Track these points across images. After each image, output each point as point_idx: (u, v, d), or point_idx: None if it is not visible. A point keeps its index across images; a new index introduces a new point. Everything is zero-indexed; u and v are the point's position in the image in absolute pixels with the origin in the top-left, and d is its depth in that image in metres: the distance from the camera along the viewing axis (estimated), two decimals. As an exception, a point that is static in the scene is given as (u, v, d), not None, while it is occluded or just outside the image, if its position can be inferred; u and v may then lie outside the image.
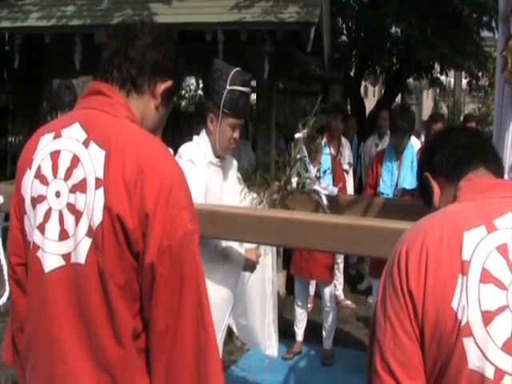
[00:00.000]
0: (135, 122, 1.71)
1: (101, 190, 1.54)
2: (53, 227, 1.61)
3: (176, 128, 8.43)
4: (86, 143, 1.61)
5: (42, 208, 1.63)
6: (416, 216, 1.53)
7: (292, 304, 6.02)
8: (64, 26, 6.73)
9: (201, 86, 14.36)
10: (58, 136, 1.67)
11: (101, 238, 1.54)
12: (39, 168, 1.66)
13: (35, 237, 1.64)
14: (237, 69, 3.04)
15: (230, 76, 3.02)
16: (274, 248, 3.49)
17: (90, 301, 1.57)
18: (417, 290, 1.33)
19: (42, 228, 1.63)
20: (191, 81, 15.23)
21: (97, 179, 1.55)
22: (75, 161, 1.60)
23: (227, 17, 6.40)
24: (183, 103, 14.98)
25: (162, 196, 1.54)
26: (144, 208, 1.52)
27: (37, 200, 1.64)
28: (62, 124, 1.70)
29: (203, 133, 3.16)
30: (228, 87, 2.99)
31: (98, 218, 1.54)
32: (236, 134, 3.12)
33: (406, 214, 2.22)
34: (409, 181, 5.53)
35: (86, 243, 1.56)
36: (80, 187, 1.58)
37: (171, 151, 2.04)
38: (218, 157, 3.17)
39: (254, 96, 7.54)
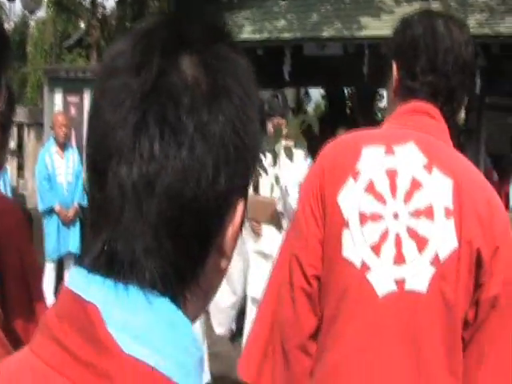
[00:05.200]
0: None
1: (451, 221, 1.51)
2: (388, 250, 1.54)
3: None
4: (427, 168, 1.56)
5: (377, 227, 1.55)
6: None
7: None
8: (275, 40, 6.94)
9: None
10: (390, 152, 1.59)
11: (450, 269, 1.49)
12: (372, 183, 1.57)
13: (366, 257, 1.55)
14: None
15: None
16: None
17: (428, 331, 1.52)
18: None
19: (376, 249, 1.55)
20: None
21: (446, 209, 1.52)
22: (416, 184, 1.55)
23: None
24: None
25: (508, 229, 1.55)
26: (495, 241, 1.50)
27: (370, 217, 1.56)
28: (391, 139, 1.62)
29: None
30: None
31: (447, 248, 1.50)
32: None
33: None
34: None
35: (428, 272, 1.51)
36: (425, 213, 1.53)
37: None
38: None
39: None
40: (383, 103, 14.76)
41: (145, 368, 0.62)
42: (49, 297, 6.46)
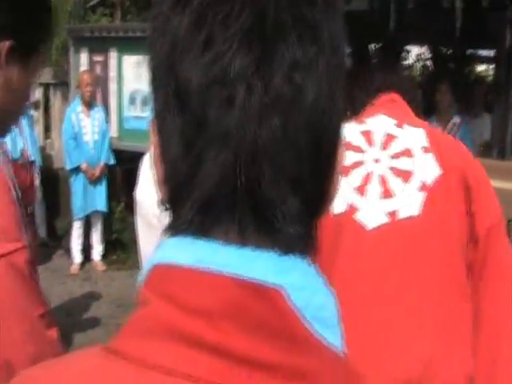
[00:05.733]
0: None
1: (430, 154, 1.59)
2: (374, 188, 1.60)
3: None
4: (399, 126, 1.67)
5: (359, 172, 1.62)
6: None
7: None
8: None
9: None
10: (362, 123, 1.72)
11: (439, 192, 1.56)
12: (348, 143, 1.64)
13: (352, 199, 1.59)
14: None
15: None
16: None
17: (426, 254, 1.54)
18: None
19: (361, 190, 1.60)
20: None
21: (423, 147, 1.61)
22: (390, 137, 1.65)
23: (467, -18, 6.09)
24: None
25: (486, 176, 1.63)
26: (477, 178, 1.59)
27: (351, 167, 1.62)
28: (363, 116, 1.77)
29: None
30: None
31: (432, 175, 1.56)
32: None
33: None
34: None
35: (418, 197, 1.56)
36: (404, 154, 1.61)
37: None
38: None
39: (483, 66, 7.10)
40: (408, 60, 14.56)
41: (339, 357, 0.53)
42: (76, 255, 6.60)
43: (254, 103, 0.50)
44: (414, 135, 1.62)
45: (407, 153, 1.59)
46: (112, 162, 6.81)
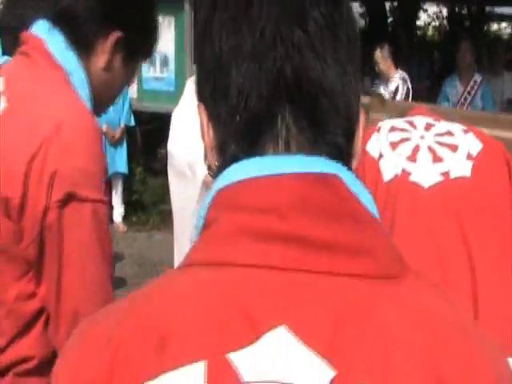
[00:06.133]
0: None
1: (470, 133, 1.71)
2: (424, 155, 1.70)
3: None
4: (437, 120, 1.79)
5: (407, 145, 1.73)
6: None
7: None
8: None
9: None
10: (403, 117, 1.87)
11: (484, 161, 1.65)
12: (393, 126, 1.78)
13: (405, 165, 1.69)
14: None
15: None
16: None
17: (482, 212, 1.62)
18: None
19: (412, 158, 1.70)
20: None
21: (463, 130, 1.73)
22: (431, 124, 1.77)
23: None
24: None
25: None
26: (505, 152, 1.69)
27: (399, 142, 1.74)
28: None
29: None
30: None
31: (476, 148, 1.68)
32: None
33: None
34: None
35: (467, 163, 1.65)
36: (446, 134, 1.73)
37: None
38: None
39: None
40: (423, 20, 14.27)
41: (389, 235, 0.62)
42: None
43: (293, 40, 0.59)
44: (452, 124, 1.77)
45: (449, 133, 1.73)
46: (132, 123, 6.81)
